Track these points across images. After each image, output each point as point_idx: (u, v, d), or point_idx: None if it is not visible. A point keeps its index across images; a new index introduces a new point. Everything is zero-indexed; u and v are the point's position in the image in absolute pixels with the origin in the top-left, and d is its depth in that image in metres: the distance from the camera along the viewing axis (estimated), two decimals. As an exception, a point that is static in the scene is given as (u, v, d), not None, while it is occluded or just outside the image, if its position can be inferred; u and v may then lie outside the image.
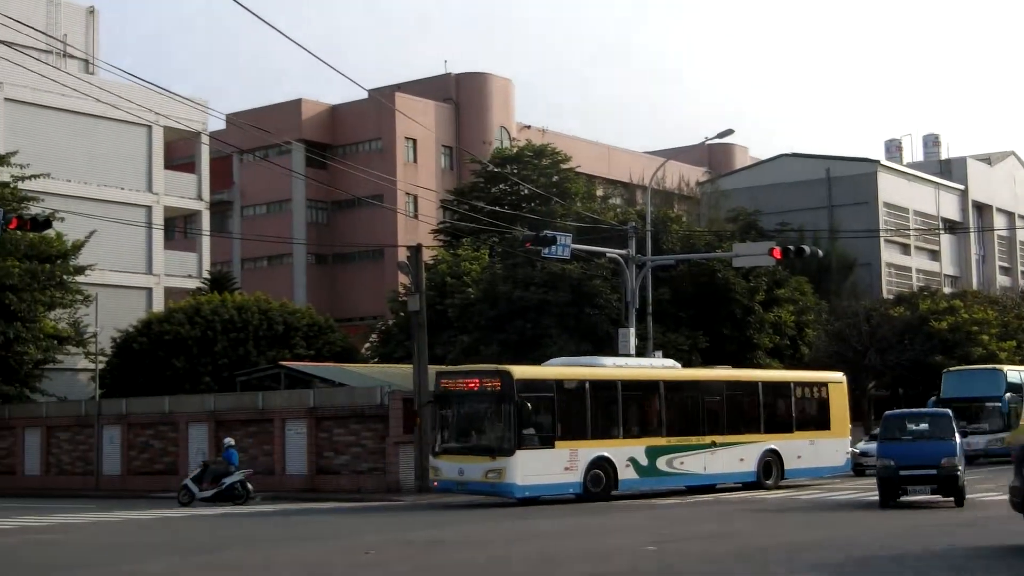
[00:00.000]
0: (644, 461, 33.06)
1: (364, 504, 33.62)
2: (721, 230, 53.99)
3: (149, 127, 58.87)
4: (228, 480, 34.56)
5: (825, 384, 38.38)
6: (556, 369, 33.42)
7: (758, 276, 47.08)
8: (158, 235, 60.61)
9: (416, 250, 39.87)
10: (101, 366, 48.23)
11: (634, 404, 34.04)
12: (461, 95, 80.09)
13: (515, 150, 67.41)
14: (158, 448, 43.39)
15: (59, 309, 48.29)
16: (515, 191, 62.29)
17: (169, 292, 59.62)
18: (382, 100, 68.50)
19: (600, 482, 31.82)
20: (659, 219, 47.16)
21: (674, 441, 33.92)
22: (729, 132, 43.34)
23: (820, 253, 44.73)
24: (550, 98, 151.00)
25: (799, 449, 36.57)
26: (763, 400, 36.48)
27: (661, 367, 36.16)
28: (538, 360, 40.32)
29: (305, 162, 74.16)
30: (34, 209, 44.58)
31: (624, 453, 32.54)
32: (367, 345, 55.17)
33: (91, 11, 64.04)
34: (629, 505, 31.07)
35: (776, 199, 74.30)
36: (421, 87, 79.47)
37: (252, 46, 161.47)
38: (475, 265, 48.91)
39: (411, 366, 38.15)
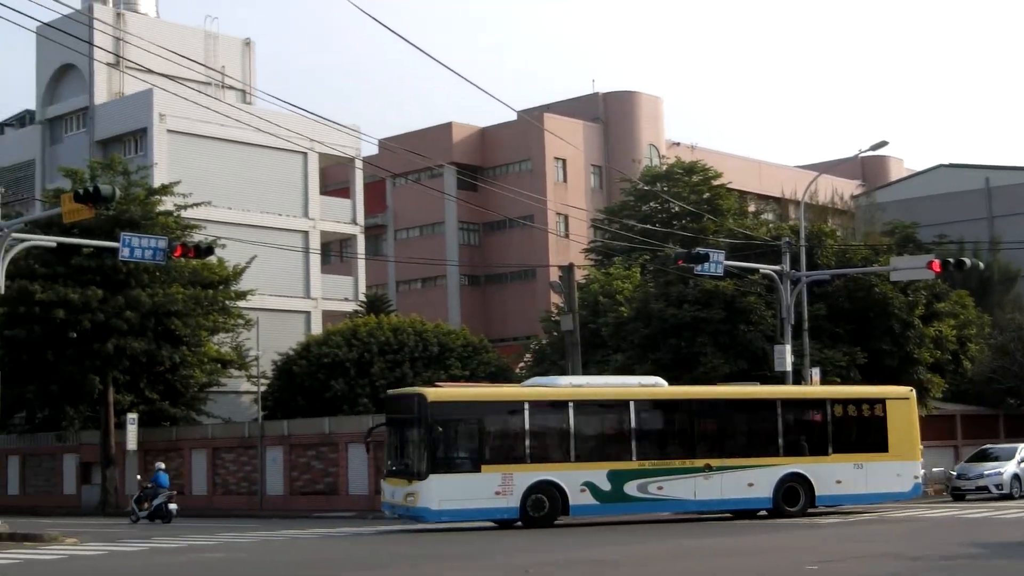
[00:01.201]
0: (606, 486, 31.38)
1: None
2: (877, 244, 53.04)
3: (305, 154, 60.17)
4: (156, 501, 38.64)
5: (881, 401, 34.64)
6: (480, 390, 33.11)
7: (917, 290, 46.16)
8: (315, 259, 61.87)
9: (568, 269, 40.01)
10: (263, 388, 49.31)
11: (592, 425, 32.49)
12: (609, 114, 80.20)
13: (665, 167, 67.20)
14: (319, 469, 44.18)
15: (222, 333, 49.60)
16: (666, 209, 62.08)
17: (327, 315, 60.75)
18: (531, 121, 68.93)
19: (542, 507, 30.64)
20: (813, 234, 46.54)
21: (648, 465, 31.98)
22: (883, 144, 42.65)
23: (981, 265, 43.62)
24: (699, 115, 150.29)
25: (838, 473, 33.40)
26: (783, 419, 33.65)
27: (637, 385, 33.65)
28: (695, 380, 40.13)
29: (457, 184, 74.95)
30: (197, 237, 45.82)
31: (577, 477, 31.08)
32: (521, 365, 55.46)
33: (247, 43, 65.75)
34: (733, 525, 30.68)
35: (933, 211, 72.68)
36: (570, 107, 79.78)
37: (402, 71, 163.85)
38: (627, 284, 48.84)
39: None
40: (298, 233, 61.05)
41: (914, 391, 36.54)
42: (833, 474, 33.38)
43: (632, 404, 32.24)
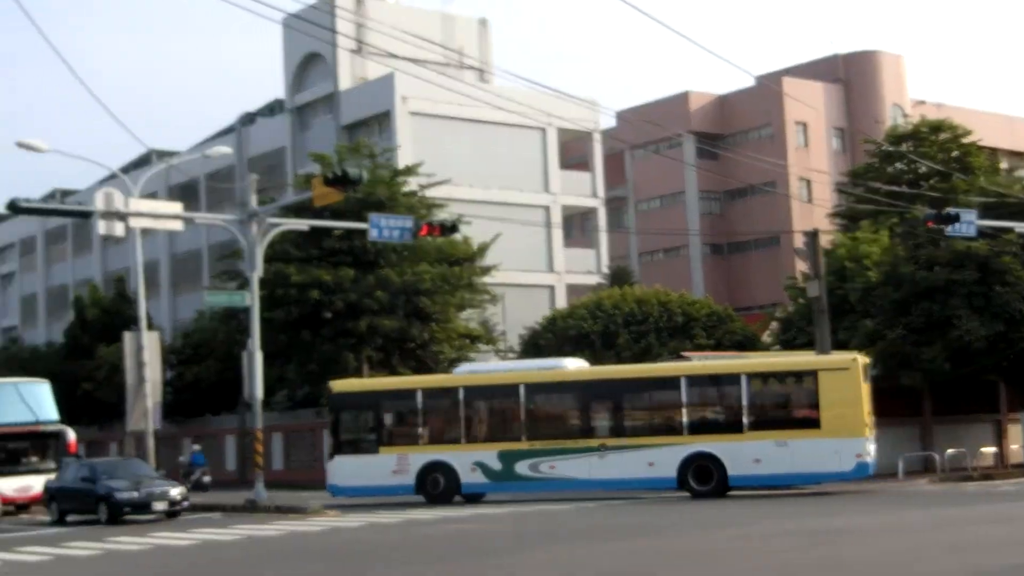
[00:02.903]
0: (496, 465, 33.33)
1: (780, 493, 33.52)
2: None
3: (543, 129, 60.71)
4: (193, 477, 46.68)
5: (812, 372, 32.28)
6: (379, 380, 36.44)
7: None
8: (557, 234, 62.44)
9: (813, 235, 39.37)
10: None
11: (484, 409, 34.76)
12: (850, 75, 78.33)
13: (910, 127, 65.25)
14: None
15: (469, 309, 50.55)
16: (912, 169, 60.21)
17: (571, 289, 61.24)
18: (770, 86, 67.91)
19: (438, 485, 33.57)
20: (1072, 188, 44.62)
21: (539, 445, 33.18)
22: None
23: None
24: (943, 71, 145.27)
25: (756, 452, 31.73)
26: (687, 396, 32.82)
27: (549, 368, 34.82)
28: (949, 344, 39.06)
29: (696, 153, 74.39)
30: (441, 215, 46.76)
31: (467, 458, 33.52)
32: (767, 333, 54.81)
33: (483, 22, 66.63)
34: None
35: None
36: (809, 70, 78.23)
37: (638, 42, 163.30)
38: (874, 247, 47.69)
39: (813, 353, 37.71)
40: (540, 208, 61.70)
41: (859, 360, 32.45)
42: (749, 453, 31.86)
43: (522, 387, 33.89)
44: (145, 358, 37.60)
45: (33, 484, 37.67)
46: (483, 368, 37.20)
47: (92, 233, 73.31)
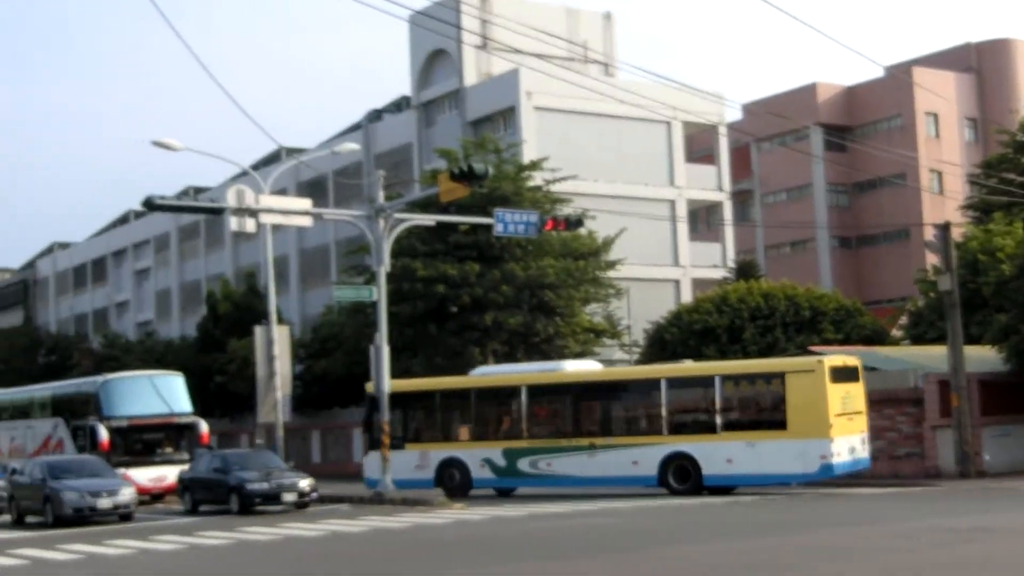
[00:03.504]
0: (502, 462, 35.20)
1: (901, 490, 33.06)
2: None
3: (668, 123, 60.48)
4: None
5: (780, 375, 32.17)
6: (401, 382, 36.80)
7: None
8: (683, 228, 62.18)
9: (944, 228, 38.72)
10: (635, 357, 49.96)
11: (492, 409, 36.67)
12: (983, 63, 76.71)
13: (1046, 116, 63.77)
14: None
15: (593, 304, 50.57)
16: (1049, 159, 58.89)
17: (696, 283, 60.96)
18: (901, 76, 66.83)
19: (453, 479, 35.59)
20: None
21: (538, 443, 34.80)
22: None
23: None
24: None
25: (728, 452, 32.14)
26: (667, 398, 33.50)
27: (549, 370, 36.64)
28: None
29: (824, 145, 73.46)
30: (566, 210, 46.85)
31: (477, 455, 35.52)
32: (896, 327, 53.97)
33: (607, 16, 66.51)
34: None
35: None
36: (940, 59, 76.76)
37: (764, 33, 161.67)
38: (1008, 240, 46.66)
39: (944, 348, 37.10)
40: (664, 202, 61.47)
41: (825, 362, 32.11)
42: (722, 453, 32.32)
43: (524, 389, 35.46)
44: (275, 352, 38.30)
45: (167, 474, 38.61)
46: (494, 370, 38.82)
47: (224, 229, 74.90)
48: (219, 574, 20.37)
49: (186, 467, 36.78)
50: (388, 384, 35.30)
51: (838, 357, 33.74)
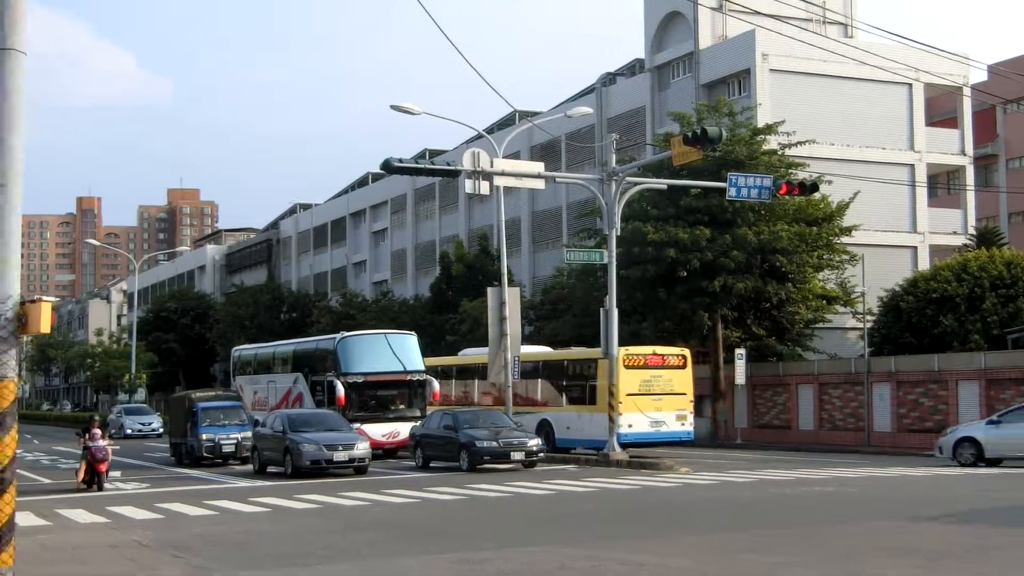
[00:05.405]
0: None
1: None
2: None
3: (909, 85, 58.89)
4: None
5: (593, 361, 39.10)
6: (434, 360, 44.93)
7: None
8: (921, 193, 60.50)
9: None
10: (869, 325, 48.95)
11: (455, 384, 46.75)
12: None
13: None
14: (928, 406, 43.37)
15: (827, 270, 49.71)
16: None
17: (934, 250, 59.30)
18: None
19: None
20: None
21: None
22: None
23: None
24: None
25: (568, 421, 40.21)
26: (542, 376, 41.94)
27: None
28: None
29: (1075, 108, 70.26)
30: (801, 174, 46.09)
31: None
32: None
33: (850, -25, 64.88)
34: None
35: None
36: None
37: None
38: None
39: None
40: (903, 167, 59.89)
41: (620, 352, 36.89)
42: (565, 421, 40.41)
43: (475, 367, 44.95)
44: (506, 313, 38.85)
45: (400, 430, 39.61)
46: (469, 352, 48.19)
47: (458, 192, 76.24)
48: (452, 524, 20.84)
49: (418, 424, 37.67)
50: (617, 348, 35.41)
51: (635, 348, 39.85)
